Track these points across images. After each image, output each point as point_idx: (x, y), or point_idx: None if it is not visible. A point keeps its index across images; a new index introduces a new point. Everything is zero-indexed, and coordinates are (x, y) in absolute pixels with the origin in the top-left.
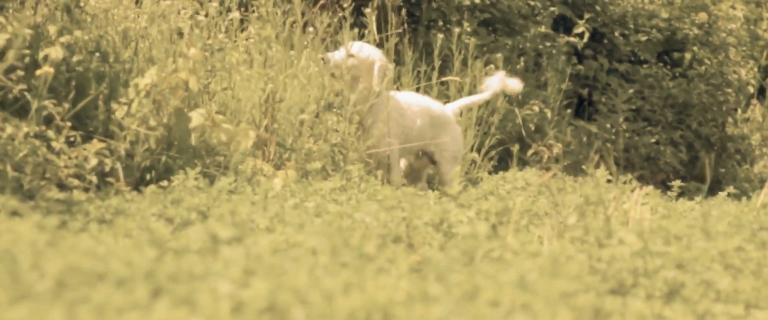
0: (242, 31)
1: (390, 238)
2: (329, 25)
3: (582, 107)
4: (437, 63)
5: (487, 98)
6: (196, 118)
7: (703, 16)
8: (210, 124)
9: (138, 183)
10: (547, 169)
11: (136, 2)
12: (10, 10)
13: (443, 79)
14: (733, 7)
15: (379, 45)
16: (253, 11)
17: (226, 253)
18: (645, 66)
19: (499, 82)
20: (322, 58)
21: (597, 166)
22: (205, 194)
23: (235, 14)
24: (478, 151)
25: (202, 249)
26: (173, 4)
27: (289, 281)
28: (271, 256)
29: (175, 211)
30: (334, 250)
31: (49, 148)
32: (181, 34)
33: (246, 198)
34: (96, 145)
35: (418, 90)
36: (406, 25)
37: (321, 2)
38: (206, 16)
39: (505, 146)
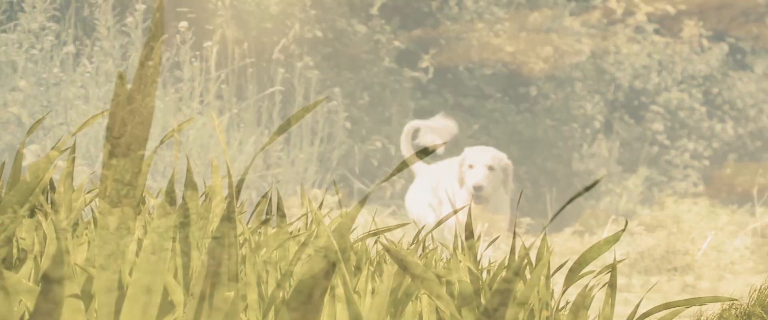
0: (78, 65)
1: (227, 276)
2: (169, 59)
3: None
4: (278, 97)
5: None
6: (30, 155)
7: (548, 51)
8: (45, 161)
9: None
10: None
11: None
12: None
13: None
14: (578, 42)
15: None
16: (91, 45)
17: (55, 293)
18: (490, 100)
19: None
20: (477, 195)
21: None
22: (37, 232)
23: (71, 48)
24: (319, 186)
25: (31, 289)
26: (8, 38)
27: None
28: (105, 295)
29: (5, 250)
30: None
31: None
32: (15, 68)
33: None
34: None
35: (259, 125)
36: (247, 60)
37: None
38: (41, 50)
39: (346, 182)
